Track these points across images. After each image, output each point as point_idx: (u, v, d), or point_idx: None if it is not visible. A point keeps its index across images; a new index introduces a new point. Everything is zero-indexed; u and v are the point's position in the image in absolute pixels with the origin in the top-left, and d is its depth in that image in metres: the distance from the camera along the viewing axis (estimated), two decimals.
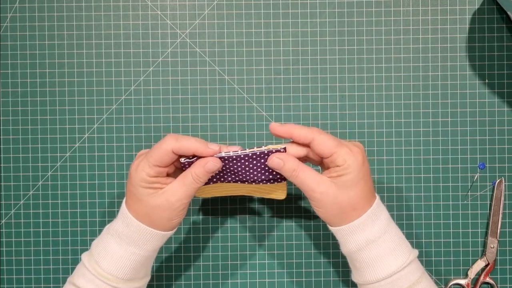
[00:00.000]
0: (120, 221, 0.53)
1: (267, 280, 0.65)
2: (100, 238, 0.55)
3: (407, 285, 0.51)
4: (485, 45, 0.65)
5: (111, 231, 0.54)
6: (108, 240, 0.53)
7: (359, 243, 0.52)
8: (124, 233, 0.52)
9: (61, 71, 0.65)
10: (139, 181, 0.51)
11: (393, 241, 0.52)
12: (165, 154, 0.50)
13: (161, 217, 0.51)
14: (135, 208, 0.52)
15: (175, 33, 0.65)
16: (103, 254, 0.53)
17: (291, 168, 0.51)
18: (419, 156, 0.65)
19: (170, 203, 0.51)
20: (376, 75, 0.65)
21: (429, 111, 0.65)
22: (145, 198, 0.51)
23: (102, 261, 0.52)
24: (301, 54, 0.65)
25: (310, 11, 0.65)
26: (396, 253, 0.51)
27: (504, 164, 0.65)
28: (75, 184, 0.65)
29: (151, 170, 0.51)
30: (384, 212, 0.53)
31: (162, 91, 0.65)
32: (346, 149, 0.51)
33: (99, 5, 0.65)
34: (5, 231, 0.65)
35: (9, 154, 0.65)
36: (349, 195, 0.50)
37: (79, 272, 0.54)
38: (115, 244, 0.53)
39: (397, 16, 0.65)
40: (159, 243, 0.54)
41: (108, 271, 0.52)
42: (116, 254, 0.52)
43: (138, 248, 0.53)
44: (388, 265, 0.51)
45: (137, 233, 0.52)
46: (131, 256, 0.52)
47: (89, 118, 0.65)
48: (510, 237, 0.65)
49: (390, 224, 0.53)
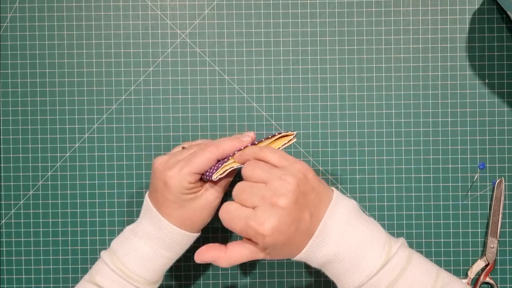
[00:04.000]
0: (150, 225, 0.54)
1: (267, 280, 0.65)
2: (124, 239, 0.54)
3: (395, 276, 0.48)
4: (485, 45, 0.65)
5: (140, 233, 0.54)
6: (136, 241, 0.54)
7: (316, 265, 0.50)
8: (157, 236, 0.53)
9: (61, 71, 0.65)
10: (182, 188, 0.52)
11: (351, 255, 0.48)
12: (209, 162, 0.52)
13: (202, 217, 0.54)
14: (177, 214, 0.53)
15: (175, 33, 0.65)
16: (131, 256, 0.53)
17: (223, 266, 0.50)
18: (419, 156, 0.65)
19: (210, 202, 0.54)
20: (376, 75, 0.65)
21: (429, 111, 0.65)
22: (187, 204, 0.53)
23: (129, 262, 0.53)
24: (301, 54, 0.65)
25: (310, 11, 0.65)
26: (361, 265, 0.48)
27: (504, 164, 0.65)
28: (75, 184, 0.65)
29: (192, 177, 0.52)
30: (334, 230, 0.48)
31: (162, 91, 0.65)
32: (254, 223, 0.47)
33: (99, 5, 0.65)
34: (5, 231, 0.65)
35: (9, 154, 0.65)
36: (281, 254, 0.49)
37: (101, 272, 0.54)
38: (145, 245, 0.53)
39: (397, 16, 0.65)
40: (189, 244, 0.55)
41: (136, 272, 0.53)
42: (145, 255, 0.53)
43: (169, 251, 0.54)
44: (356, 278, 0.48)
45: (170, 236, 0.53)
46: (161, 259, 0.54)
47: (89, 118, 0.65)
48: (510, 237, 0.65)
49: (343, 239, 0.48)
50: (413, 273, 0.48)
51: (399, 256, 0.49)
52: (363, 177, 0.65)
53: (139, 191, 0.65)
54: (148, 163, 0.65)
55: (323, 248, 0.49)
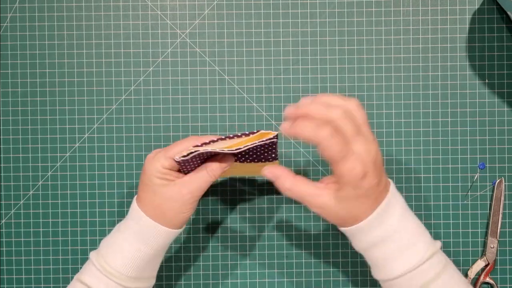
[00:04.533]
0: (129, 218, 0.54)
1: (267, 280, 0.65)
2: (109, 235, 0.56)
3: (425, 280, 0.49)
4: (485, 45, 0.65)
5: (121, 228, 0.55)
6: (116, 236, 0.54)
7: (367, 243, 0.50)
8: (133, 229, 0.53)
9: (61, 71, 0.65)
10: (154, 171, 0.53)
11: (406, 238, 0.49)
12: (185, 149, 0.52)
13: (172, 208, 0.53)
14: (149, 200, 0.53)
15: (175, 33, 0.65)
16: (110, 250, 0.53)
17: (284, 187, 0.50)
18: (419, 156, 0.65)
19: (182, 194, 0.52)
20: (376, 75, 0.65)
21: (429, 111, 0.65)
22: (159, 189, 0.53)
23: (108, 257, 0.53)
24: (301, 54, 0.65)
25: (310, 11, 0.65)
26: (411, 249, 0.49)
27: (504, 164, 0.65)
28: (75, 184, 0.65)
29: (166, 161, 0.53)
30: (396, 209, 0.50)
31: (162, 91, 0.65)
32: (348, 165, 0.47)
33: (99, 5, 0.65)
34: (5, 231, 0.65)
35: (9, 154, 0.65)
36: (348, 209, 0.48)
37: (86, 269, 0.54)
38: (123, 240, 0.54)
39: (397, 16, 0.65)
40: (165, 240, 0.54)
41: (114, 267, 0.53)
42: (123, 250, 0.53)
43: (145, 245, 0.53)
44: (402, 264, 0.49)
45: (145, 228, 0.53)
46: (137, 253, 0.53)
47: (89, 118, 0.65)
48: (510, 237, 0.65)
49: (402, 221, 0.50)
50: (452, 274, 0.51)
51: (441, 255, 0.51)
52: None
53: None
54: None
55: (387, 221, 0.49)
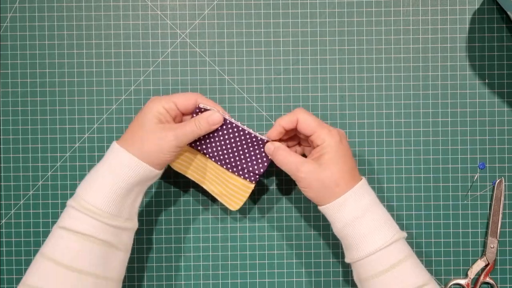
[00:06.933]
0: (106, 157, 0.55)
1: (267, 280, 0.65)
2: (83, 180, 0.55)
3: (392, 262, 0.53)
4: (485, 45, 0.65)
5: (96, 168, 0.55)
6: (92, 176, 0.54)
7: (344, 220, 0.54)
8: (109, 165, 0.54)
9: (61, 71, 0.65)
10: (154, 109, 0.55)
11: (377, 220, 0.54)
12: (188, 99, 0.57)
13: (153, 143, 0.55)
14: (132, 135, 0.55)
15: (175, 33, 0.65)
16: (88, 190, 0.53)
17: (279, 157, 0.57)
18: (419, 156, 0.65)
19: (165, 136, 0.55)
20: (376, 75, 0.65)
21: (429, 111, 0.65)
22: (149, 123, 0.55)
23: (87, 196, 0.53)
24: (301, 54, 0.65)
25: (310, 11, 0.65)
26: (380, 231, 0.54)
27: (504, 164, 0.65)
28: (75, 184, 0.65)
29: (167, 104, 0.56)
30: (369, 194, 0.56)
31: (162, 91, 0.65)
32: (325, 130, 0.56)
33: (99, 5, 0.65)
34: (5, 231, 0.65)
35: (9, 154, 0.65)
36: (331, 171, 0.54)
37: (64, 216, 0.54)
38: (99, 177, 0.54)
39: (397, 16, 0.65)
40: (138, 175, 0.54)
41: (93, 204, 0.53)
42: (99, 186, 0.53)
43: (118, 177, 0.54)
44: (372, 243, 0.53)
45: (120, 162, 0.54)
46: (112, 187, 0.53)
47: (89, 118, 0.65)
48: (510, 237, 0.65)
49: (375, 205, 0.55)
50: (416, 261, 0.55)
51: (407, 245, 0.55)
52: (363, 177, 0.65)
53: None
54: None
55: (361, 201, 0.54)
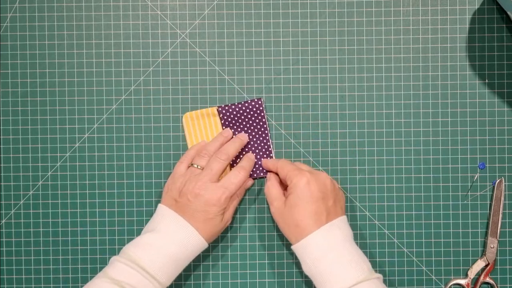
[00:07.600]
0: (171, 224, 0.58)
1: (267, 280, 0.65)
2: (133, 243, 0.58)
3: None
4: (485, 45, 0.65)
5: (153, 229, 0.59)
6: (148, 235, 0.58)
7: (313, 257, 0.56)
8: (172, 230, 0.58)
9: (61, 71, 0.65)
10: (220, 208, 0.59)
11: (346, 256, 0.55)
12: (242, 183, 0.61)
13: (217, 230, 0.60)
14: (203, 224, 0.59)
15: (175, 33, 0.65)
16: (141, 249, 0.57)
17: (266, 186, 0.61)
18: (419, 156, 0.65)
19: (226, 220, 0.61)
20: (376, 75, 0.65)
21: (429, 111, 0.65)
22: (216, 217, 0.59)
23: (141, 254, 0.56)
24: (301, 54, 0.65)
25: (310, 11, 0.65)
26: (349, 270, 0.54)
27: (504, 164, 0.65)
28: (75, 184, 0.65)
29: (227, 200, 0.60)
30: (342, 231, 0.57)
31: (162, 91, 0.65)
32: (296, 172, 0.58)
33: (99, 5, 0.65)
34: (5, 231, 0.65)
35: (9, 154, 0.65)
36: (292, 212, 0.57)
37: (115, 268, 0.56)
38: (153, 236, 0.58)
39: (397, 16, 0.65)
40: (195, 251, 0.59)
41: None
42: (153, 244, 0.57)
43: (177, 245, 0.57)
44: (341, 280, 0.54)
45: (184, 233, 0.58)
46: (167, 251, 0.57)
47: (89, 118, 0.65)
48: (510, 237, 0.65)
49: (346, 242, 0.56)
50: None
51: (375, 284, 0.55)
52: (363, 177, 0.65)
53: (139, 191, 0.65)
54: (148, 163, 0.65)
55: (330, 238, 0.56)
